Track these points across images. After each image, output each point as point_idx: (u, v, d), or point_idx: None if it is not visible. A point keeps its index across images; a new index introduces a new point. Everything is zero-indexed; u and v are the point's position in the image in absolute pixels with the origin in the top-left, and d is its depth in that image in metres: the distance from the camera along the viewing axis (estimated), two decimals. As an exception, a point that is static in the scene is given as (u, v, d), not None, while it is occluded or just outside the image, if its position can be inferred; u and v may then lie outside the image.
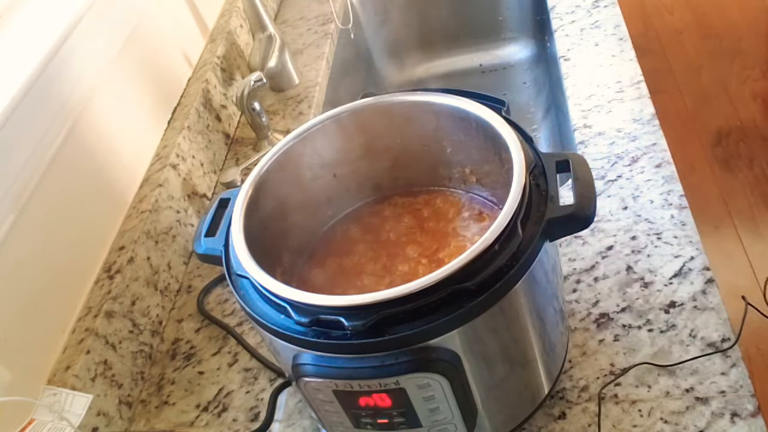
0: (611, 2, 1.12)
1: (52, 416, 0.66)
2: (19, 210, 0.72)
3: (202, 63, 1.14)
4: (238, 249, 0.56)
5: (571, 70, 1.02)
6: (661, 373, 0.64)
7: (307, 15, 1.40)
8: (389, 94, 0.67)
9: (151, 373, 0.82)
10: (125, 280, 0.81)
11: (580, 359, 0.68)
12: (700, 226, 0.76)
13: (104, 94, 0.90)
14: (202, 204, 1.00)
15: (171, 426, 0.76)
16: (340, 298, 0.50)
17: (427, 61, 1.52)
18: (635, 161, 0.85)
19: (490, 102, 0.62)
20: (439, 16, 1.47)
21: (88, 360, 0.73)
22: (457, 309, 0.49)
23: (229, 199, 0.64)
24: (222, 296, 0.89)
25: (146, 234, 0.86)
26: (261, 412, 0.73)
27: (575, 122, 0.93)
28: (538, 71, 1.39)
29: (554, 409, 0.65)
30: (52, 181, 0.77)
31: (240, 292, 0.56)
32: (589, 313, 0.71)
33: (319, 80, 1.21)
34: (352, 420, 0.56)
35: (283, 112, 1.17)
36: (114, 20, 0.94)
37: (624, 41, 1.03)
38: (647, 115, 0.90)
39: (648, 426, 0.61)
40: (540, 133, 1.28)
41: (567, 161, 0.56)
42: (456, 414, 0.54)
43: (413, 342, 0.50)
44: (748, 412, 0.60)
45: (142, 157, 0.96)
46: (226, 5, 1.29)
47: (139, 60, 0.99)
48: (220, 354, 0.81)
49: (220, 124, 1.12)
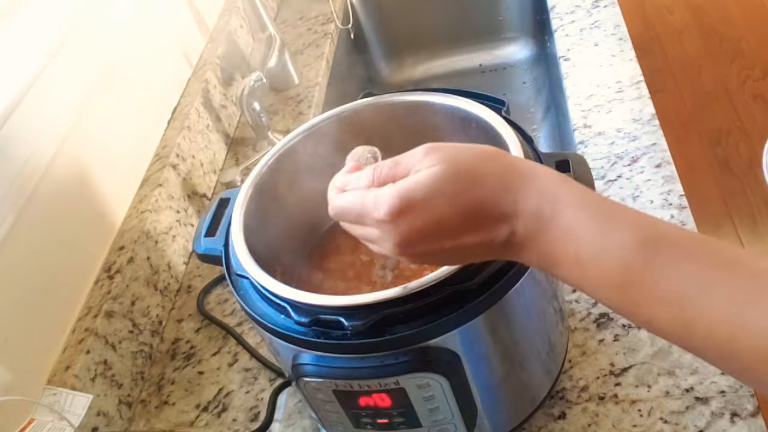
0: (611, 2, 1.12)
1: (52, 416, 0.66)
2: (19, 210, 0.72)
3: (202, 63, 1.14)
4: (238, 249, 0.56)
5: (571, 70, 1.02)
6: (661, 373, 0.64)
7: (307, 15, 1.40)
8: (389, 94, 0.67)
9: (151, 373, 0.82)
10: (125, 280, 0.81)
11: (580, 359, 0.68)
12: (700, 226, 0.76)
13: (104, 94, 0.90)
14: (202, 204, 1.00)
15: (171, 426, 0.76)
16: (340, 298, 0.50)
17: (427, 61, 1.52)
18: (635, 161, 0.85)
19: (490, 102, 0.62)
20: (439, 16, 1.47)
21: (88, 360, 0.73)
22: (457, 309, 0.49)
23: (229, 199, 0.64)
24: (222, 296, 0.89)
25: (146, 234, 0.86)
26: (261, 412, 0.73)
27: (575, 122, 0.93)
28: (538, 71, 1.39)
29: (554, 409, 0.65)
30: (51, 180, 0.77)
31: (240, 292, 0.56)
32: (589, 313, 0.71)
33: (319, 80, 1.21)
34: (352, 420, 0.56)
35: (283, 112, 1.17)
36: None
37: (624, 41, 1.03)
38: (647, 115, 0.90)
39: (648, 426, 0.61)
40: (540, 133, 1.28)
41: (567, 161, 0.56)
42: (456, 414, 0.54)
43: (413, 342, 0.50)
44: (748, 412, 0.60)
45: (142, 156, 0.96)
46: (226, 5, 1.29)
47: (139, 60, 0.99)
48: (220, 354, 0.81)
49: (220, 124, 1.12)
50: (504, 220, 0.41)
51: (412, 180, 0.42)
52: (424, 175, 0.42)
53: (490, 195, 0.41)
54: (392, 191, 0.42)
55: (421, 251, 0.43)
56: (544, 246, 0.41)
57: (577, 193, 0.41)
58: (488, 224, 0.42)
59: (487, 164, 0.42)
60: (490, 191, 0.41)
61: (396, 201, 0.42)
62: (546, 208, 0.41)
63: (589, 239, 0.40)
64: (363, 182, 0.45)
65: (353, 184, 0.46)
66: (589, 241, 0.40)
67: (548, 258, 0.41)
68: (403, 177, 0.43)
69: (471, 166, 0.42)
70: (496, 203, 0.41)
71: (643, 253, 0.38)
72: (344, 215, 0.46)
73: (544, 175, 0.42)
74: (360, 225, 0.45)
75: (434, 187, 0.41)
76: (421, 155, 0.43)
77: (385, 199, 0.42)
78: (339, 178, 0.48)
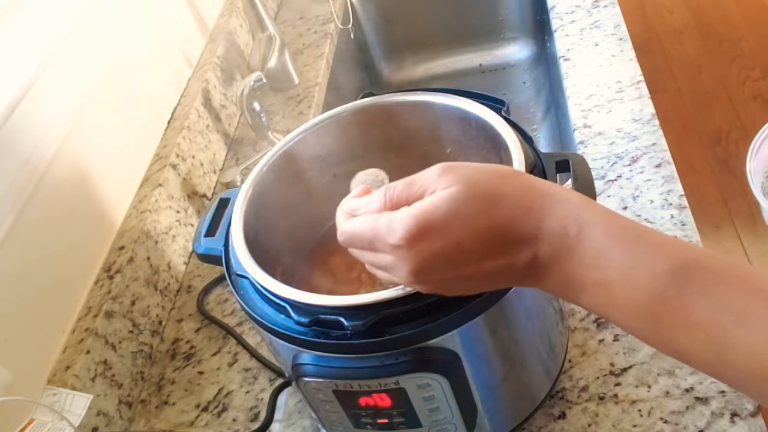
0: (611, 2, 1.12)
1: (52, 416, 0.66)
2: (19, 210, 0.72)
3: (202, 63, 1.14)
4: (238, 249, 0.56)
5: (571, 70, 1.02)
6: (661, 373, 0.64)
7: (307, 15, 1.40)
8: (389, 94, 0.67)
9: (151, 373, 0.82)
10: (125, 280, 0.81)
11: (580, 359, 0.68)
12: (700, 226, 0.76)
13: (104, 94, 0.90)
14: (202, 204, 1.00)
15: (171, 426, 0.76)
16: (340, 298, 0.50)
17: (427, 61, 1.52)
18: (635, 161, 0.85)
19: (490, 102, 0.62)
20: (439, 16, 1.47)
21: (88, 360, 0.73)
22: (457, 309, 0.49)
23: (229, 199, 0.64)
24: (222, 296, 0.89)
25: (146, 234, 0.86)
26: (261, 412, 0.73)
27: (575, 122, 0.93)
28: (538, 71, 1.39)
29: (554, 409, 0.65)
30: (51, 180, 0.77)
31: (240, 292, 0.56)
32: (589, 313, 0.71)
33: (319, 80, 1.21)
34: (352, 420, 0.56)
35: (283, 112, 1.17)
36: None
37: (624, 41, 1.03)
38: (647, 115, 0.90)
39: (648, 426, 0.61)
40: (540, 133, 1.28)
41: (567, 161, 0.56)
42: (456, 414, 0.54)
43: (413, 342, 0.50)
44: (748, 412, 0.60)
45: (142, 156, 0.96)
46: (226, 5, 1.29)
47: (139, 60, 0.99)
48: (220, 354, 0.81)
49: (220, 124, 1.12)
50: (526, 243, 0.39)
51: (428, 202, 0.40)
52: (441, 196, 0.39)
53: (511, 216, 0.39)
54: (408, 214, 0.40)
55: (439, 279, 0.41)
56: (570, 270, 0.39)
57: (603, 215, 0.39)
58: (510, 247, 0.40)
59: (506, 184, 0.40)
60: (511, 212, 0.39)
61: (412, 224, 0.39)
62: (571, 230, 0.39)
63: (618, 264, 0.38)
64: (374, 205, 0.43)
65: (364, 208, 0.43)
66: (618, 266, 0.38)
67: (572, 282, 0.40)
68: (418, 198, 0.41)
69: (490, 186, 0.40)
70: (517, 225, 0.39)
71: (675, 280, 0.37)
72: (354, 241, 0.44)
73: (565, 196, 0.40)
74: (371, 251, 0.43)
75: (453, 209, 0.39)
76: (437, 175, 0.41)
77: (401, 223, 0.39)
78: (347, 202, 0.45)
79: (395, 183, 0.43)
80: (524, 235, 0.39)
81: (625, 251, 0.38)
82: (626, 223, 0.39)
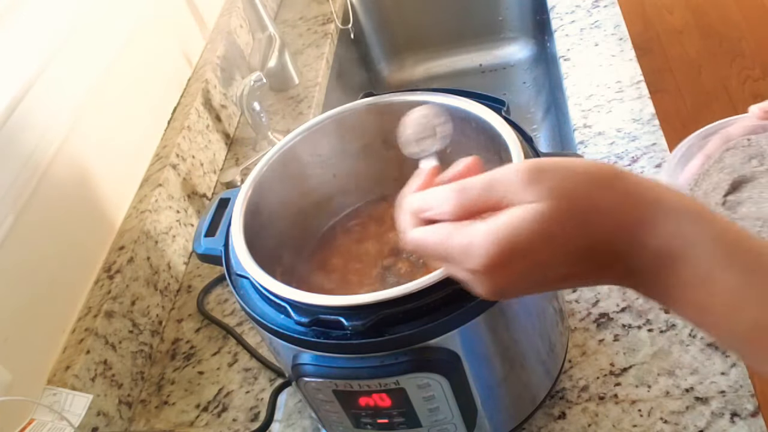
0: (611, 2, 1.12)
1: (52, 416, 0.66)
2: (19, 210, 0.72)
3: (202, 63, 1.14)
4: (238, 249, 0.56)
5: (571, 70, 1.02)
6: (661, 373, 0.64)
7: (307, 15, 1.40)
8: (389, 94, 0.67)
9: (151, 373, 0.82)
10: (125, 280, 0.81)
11: (580, 359, 0.68)
12: (700, 226, 0.75)
13: (104, 94, 0.90)
14: (202, 204, 1.00)
15: (171, 426, 0.76)
16: (340, 298, 0.50)
17: (427, 61, 1.52)
18: (635, 161, 0.85)
19: (490, 102, 0.62)
20: (439, 16, 1.47)
21: (88, 360, 0.73)
22: (457, 309, 0.49)
23: (229, 199, 0.64)
24: (222, 296, 0.89)
25: (146, 234, 0.86)
26: (261, 412, 0.73)
27: (575, 122, 0.93)
28: (538, 71, 1.39)
29: (554, 409, 0.65)
30: (52, 180, 0.77)
31: (240, 292, 0.56)
32: (588, 313, 0.71)
33: (319, 80, 1.21)
34: (352, 420, 0.56)
35: (283, 112, 1.17)
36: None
37: (624, 41, 1.03)
38: (647, 115, 0.90)
39: (648, 426, 0.61)
40: (540, 133, 1.28)
41: (567, 161, 0.56)
42: (456, 414, 0.54)
43: (413, 342, 0.50)
44: (748, 412, 0.60)
45: (142, 156, 0.96)
46: (226, 5, 1.29)
47: (139, 60, 0.99)
48: (220, 354, 0.81)
49: (220, 124, 1.12)
50: (620, 260, 0.36)
51: (513, 220, 0.35)
52: (528, 214, 0.35)
53: (606, 233, 0.35)
54: (488, 239, 0.35)
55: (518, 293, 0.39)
56: (671, 287, 0.36)
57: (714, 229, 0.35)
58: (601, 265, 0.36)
59: (604, 194, 0.35)
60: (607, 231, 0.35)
61: (494, 250, 0.35)
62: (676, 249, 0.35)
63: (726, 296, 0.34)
64: (447, 208, 0.38)
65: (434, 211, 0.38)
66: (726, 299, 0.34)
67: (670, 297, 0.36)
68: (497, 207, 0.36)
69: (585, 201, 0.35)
70: (612, 243, 0.35)
71: None
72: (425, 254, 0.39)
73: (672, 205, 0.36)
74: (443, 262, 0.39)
75: (541, 231, 0.34)
76: (524, 183, 0.35)
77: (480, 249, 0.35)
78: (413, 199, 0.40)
79: (471, 183, 0.37)
80: (618, 252, 0.36)
81: (738, 284, 0.34)
82: (741, 241, 0.35)
